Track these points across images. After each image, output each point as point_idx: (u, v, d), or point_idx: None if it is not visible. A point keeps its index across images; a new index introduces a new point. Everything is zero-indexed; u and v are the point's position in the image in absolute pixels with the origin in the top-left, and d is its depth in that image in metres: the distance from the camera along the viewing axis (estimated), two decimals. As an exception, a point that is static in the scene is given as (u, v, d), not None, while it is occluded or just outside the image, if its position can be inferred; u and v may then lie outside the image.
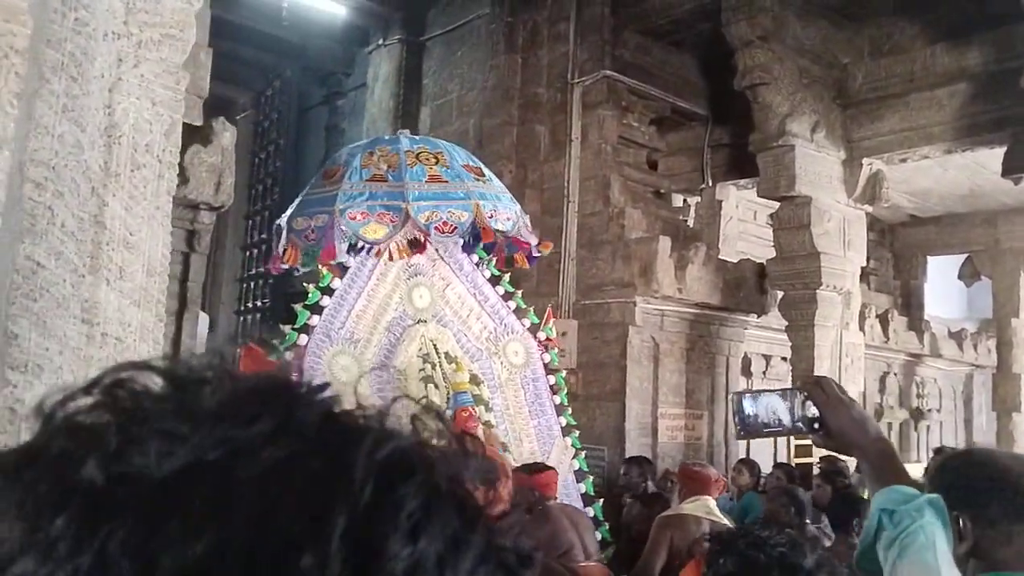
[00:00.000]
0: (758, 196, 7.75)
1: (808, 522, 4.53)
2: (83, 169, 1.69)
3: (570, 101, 7.49)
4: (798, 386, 1.50)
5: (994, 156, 7.07)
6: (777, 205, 7.37)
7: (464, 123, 8.51)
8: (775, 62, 6.67)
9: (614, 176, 7.24)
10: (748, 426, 1.45)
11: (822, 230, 7.07)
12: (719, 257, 7.72)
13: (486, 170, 5.19)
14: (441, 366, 4.69)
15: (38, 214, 1.55)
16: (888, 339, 9.34)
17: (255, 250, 11.37)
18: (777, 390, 1.47)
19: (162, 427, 0.39)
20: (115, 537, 0.36)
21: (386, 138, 5.23)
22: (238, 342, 10.85)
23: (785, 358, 7.67)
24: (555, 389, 5.21)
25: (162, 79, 1.87)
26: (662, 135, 8.32)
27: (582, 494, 4.91)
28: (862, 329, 7.98)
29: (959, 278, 11.43)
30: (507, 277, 5.26)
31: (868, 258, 8.41)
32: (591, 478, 5.14)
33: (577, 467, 5.03)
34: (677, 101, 7.94)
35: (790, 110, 6.85)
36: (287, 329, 4.40)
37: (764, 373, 8.50)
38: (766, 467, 6.44)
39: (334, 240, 4.37)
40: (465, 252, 5.14)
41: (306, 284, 4.59)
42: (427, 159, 4.81)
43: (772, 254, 7.45)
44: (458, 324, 5.02)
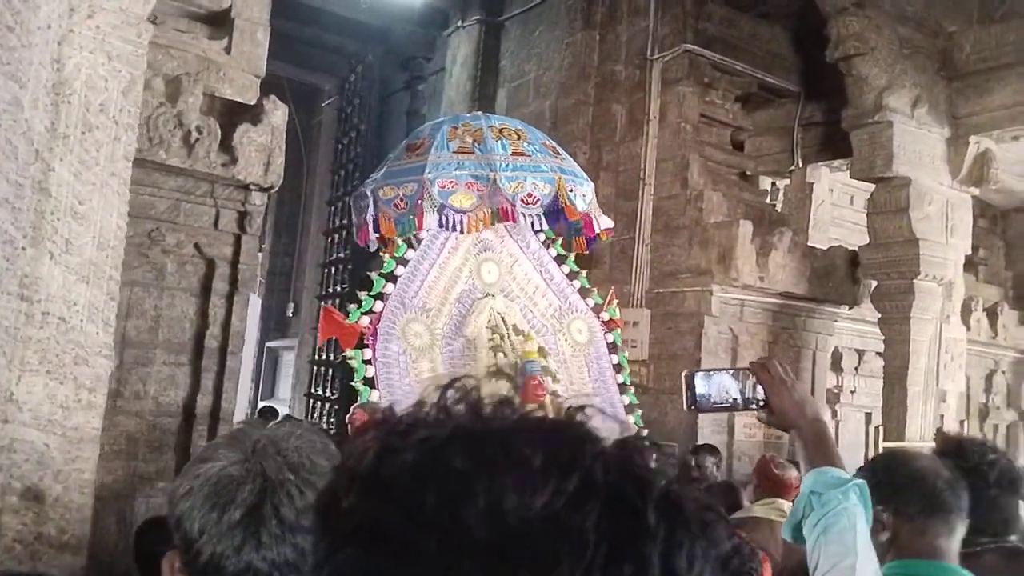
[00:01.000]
0: (851, 177, 7.18)
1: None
2: (23, 130, 1.53)
3: (649, 78, 7.12)
4: (747, 367, 1.59)
5: (1123, 133, 6.34)
6: (873, 188, 6.82)
7: (540, 104, 8.25)
8: (872, 30, 6.12)
9: (693, 157, 6.84)
10: (699, 403, 1.57)
11: (922, 214, 6.48)
12: (807, 244, 7.21)
13: (561, 149, 5.24)
14: (509, 337, 4.78)
15: (-41, 177, 1.39)
16: (996, 334, 8.57)
17: (337, 235, 11.43)
18: (729, 369, 1.60)
19: (514, 479, 0.52)
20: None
21: (467, 115, 5.35)
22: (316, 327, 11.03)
23: (880, 353, 7.10)
24: (618, 368, 5.24)
25: (121, 31, 1.70)
26: (748, 113, 7.83)
27: None
28: (966, 323, 7.30)
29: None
30: (572, 257, 5.29)
31: (976, 247, 7.70)
32: (632, 389, 5.20)
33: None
34: (765, 76, 7.44)
35: (888, 83, 6.28)
36: (364, 295, 4.52)
37: (856, 369, 7.93)
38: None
39: (423, 209, 4.53)
40: (532, 232, 5.22)
41: (383, 253, 4.70)
42: (510, 135, 4.90)
43: (867, 241, 6.90)
44: (524, 299, 5.09)
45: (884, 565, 1.57)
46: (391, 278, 4.62)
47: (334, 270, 11.46)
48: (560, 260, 5.30)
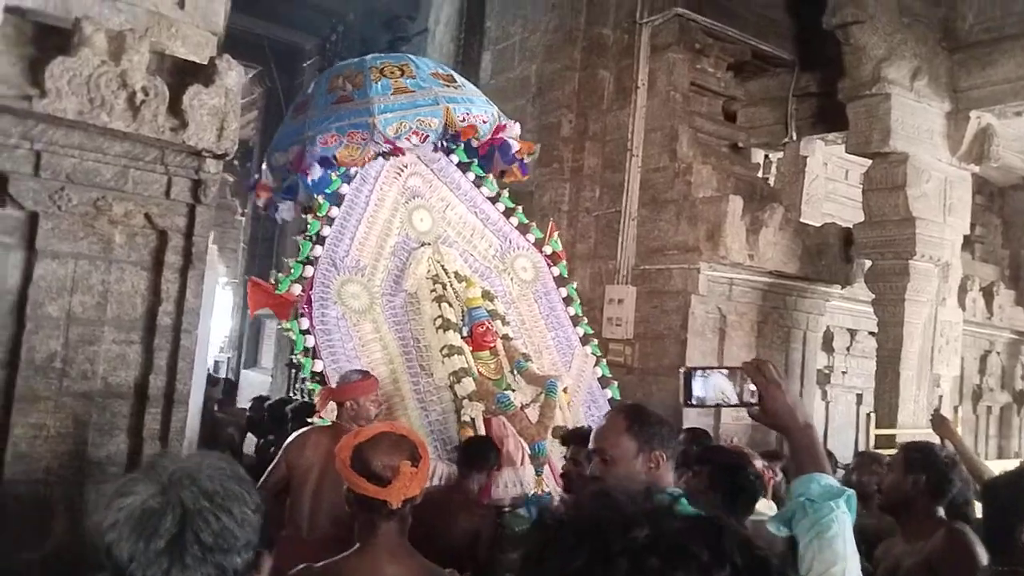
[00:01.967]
0: (846, 152, 6.91)
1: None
2: None
3: (638, 43, 6.80)
4: (741, 367, 1.64)
5: None
6: (869, 163, 6.55)
7: (526, 68, 7.90)
8: (871, -4, 5.82)
9: (683, 127, 6.54)
10: (695, 399, 1.65)
11: (919, 192, 6.23)
12: (799, 220, 6.96)
13: (458, 77, 5.14)
14: (452, 285, 4.69)
15: None
16: (992, 315, 8.37)
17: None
18: (724, 369, 1.67)
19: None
20: None
21: (352, 60, 5.25)
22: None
23: (873, 333, 6.89)
24: (568, 301, 5.22)
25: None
26: (741, 82, 7.52)
27: (608, 399, 4.91)
28: (962, 305, 7.08)
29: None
30: (506, 194, 5.24)
31: (973, 225, 7.46)
32: (615, 383, 5.12)
33: (600, 374, 5.06)
34: (759, 44, 7.12)
35: (887, 53, 5.98)
36: (291, 262, 4.37)
37: (848, 349, 7.74)
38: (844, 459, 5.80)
39: (308, 167, 4.43)
40: (460, 170, 5.14)
41: (306, 216, 4.52)
42: (392, 72, 4.76)
43: (862, 218, 6.64)
44: (463, 244, 5.01)
45: None
46: (318, 240, 4.47)
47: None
48: (494, 198, 5.20)
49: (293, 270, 4.34)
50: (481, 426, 4.23)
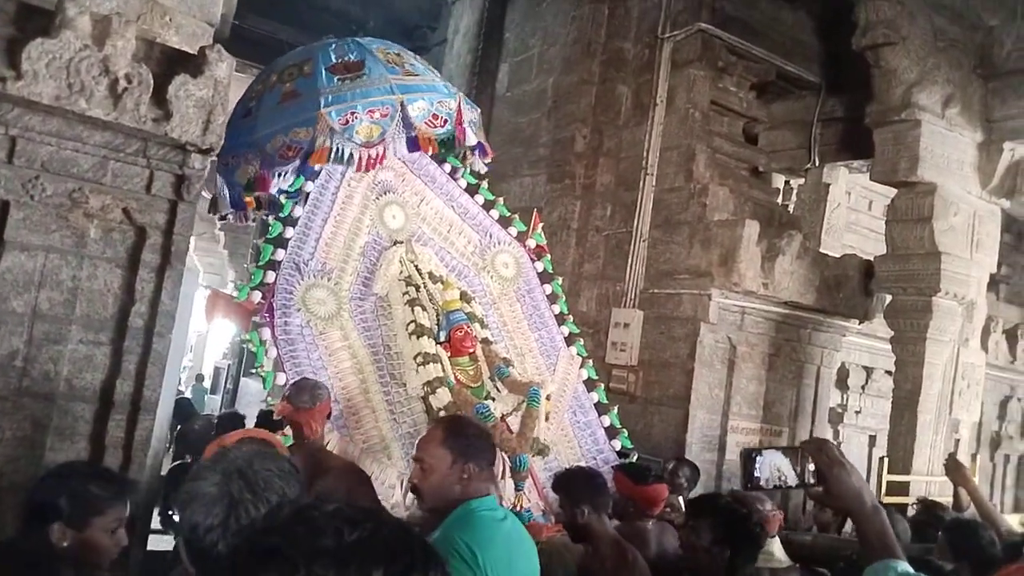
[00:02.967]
0: (871, 179, 6.62)
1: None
2: None
3: (658, 58, 6.56)
4: (801, 446, 1.61)
5: None
6: (894, 193, 6.26)
7: (543, 81, 7.70)
8: (904, 18, 5.56)
9: (701, 147, 6.28)
10: (756, 483, 1.58)
11: (946, 225, 5.93)
12: (818, 250, 6.67)
13: (409, 56, 4.73)
14: (426, 287, 4.41)
15: None
16: (1015, 359, 8.03)
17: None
18: (780, 448, 1.61)
19: None
20: None
21: (332, 48, 4.75)
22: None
23: (890, 372, 6.56)
24: (553, 298, 4.92)
25: None
26: (764, 104, 7.26)
27: (595, 403, 4.70)
28: (984, 347, 6.75)
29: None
30: (485, 184, 4.93)
31: (999, 263, 7.15)
32: (602, 386, 4.86)
33: (587, 376, 4.78)
34: (785, 64, 6.86)
35: (919, 77, 5.71)
36: (252, 268, 4.19)
37: (863, 388, 7.43)
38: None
39: (326, 149, 4.09)
40: (435, 162, 4.82)
41: (267, 216, 4.23)
42: (393, 59, 4.47)
43: (884, 251, 6.34)
44: (439, 241, 4.72)
45: None
46: (280, 243, 4.17)
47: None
48: (472, 190, 4.89)
49: (253, 276, 4.10)
50: None
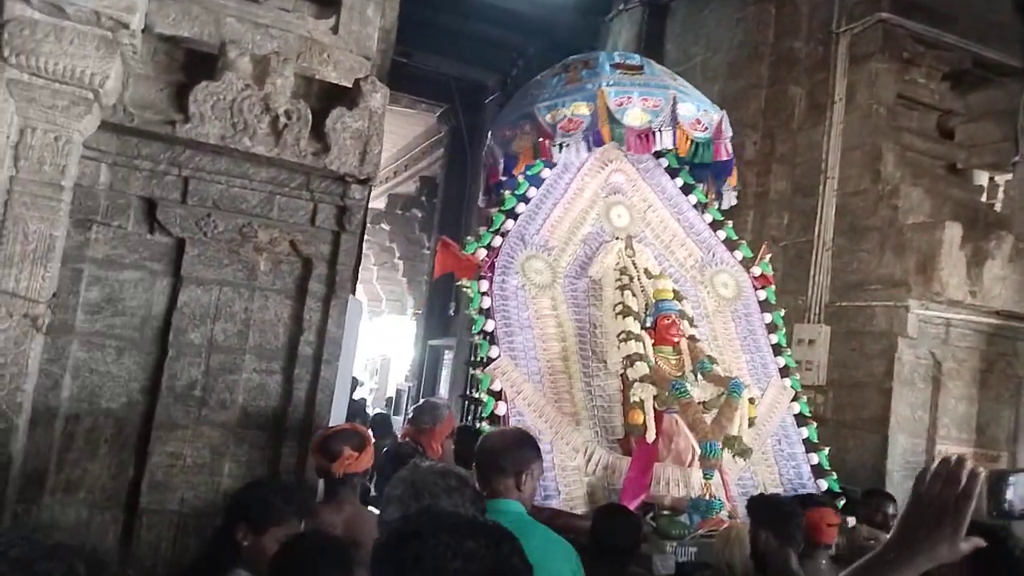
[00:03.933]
0: (1097, 170, 5.77)
1: None
2: None
3: (834, 55, 6.09)
4: None
5: None
6: None
7: (708, 90, 7.29)
8: None
9: (888, 145, 5.72)
10: (1006, 510, 1.41)
11: None
12: (1035, 252, 5.87)
13: (648, 64, 5.14)
14: (639, 279, 4.58)
15: None
16: None
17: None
18: None
19: None
20: None
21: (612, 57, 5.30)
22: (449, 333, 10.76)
23: None
24: (772, 328, 4.94)
25: None
26: (960, 95, 6.53)
27: (804, 439, 4.68)
28: None
29: None
30: (716, 206, 5.17)
31: None
32: (814, 424, 4.78)
33: (798, 410, 4.76)
34: (981, 50, 6.15)
35: None
36: (483, 231, 4.54)
37: (1097, 406, 6.42)
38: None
39: (543, 128, 4.60)
40: (669, 175, 5.13)
41: (503, 191, 4.71)
42: (575, 66, 4.96)
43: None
44: (660, 247, 4.93)
45: None
46: (512, 215, 4.60)
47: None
48: (702, 208, 5.10)
49: (482, 237, 4.49)
50: (650, 409, 3.98)
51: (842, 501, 4.37)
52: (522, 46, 11.18)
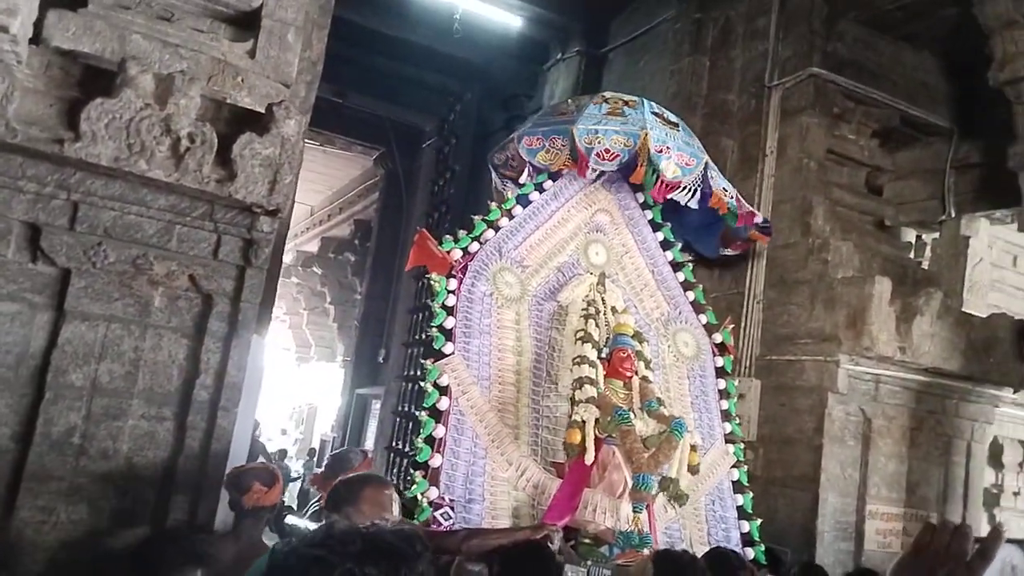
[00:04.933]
0: (1019, 230, 5.85)
1: None
2: None
3: (766, 108, 6.09)
4: None
5: None
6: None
7: (643, 141, 7.30)
8: (1051, 45, 4.91)
9: (818, 199, 5.71)
10: None
11: (1116, 278, 5.11)
12: (961, 310, 5.89)
13: (682, 123, 5.33)
14: (605, 313, 4.62)
15: None
16: None
17: (427, 279, 10.74)
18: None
19: None
20: None
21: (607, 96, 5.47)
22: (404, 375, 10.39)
23: (1055, 448, 5.66)
24: (724, 394, 5.02)
25: None
26: (889, 152, 6.62)
27: (738, 506, 4.74)
28: None
29: None
30: (690, 267, 5.28)
31: None
32: (750, 494, 4.84)
33: (736, 478, 4.84)
34: (909, 108, 6.25)
35: (1071, 112, 5.01)
36: (462, 234, 4.53)
37: (1021, 465, 6.46)
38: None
39: (579, 149, 4.75)
40: (652, 228, 5.24)
41: (481, 215, 4.73)
42: (615, 100, 5.18)
43: (1038, 309, 5.53)
44: (630, 293, 4.97)
45: None
46: (493, 226, 4.66)
47: (421, 316, 10.74)
48: (676, 266, 5.23)
49: (461, 240, 4.51)
50: (591, 431, 3.97)
51: None
52: (459, 91, 11.10)
